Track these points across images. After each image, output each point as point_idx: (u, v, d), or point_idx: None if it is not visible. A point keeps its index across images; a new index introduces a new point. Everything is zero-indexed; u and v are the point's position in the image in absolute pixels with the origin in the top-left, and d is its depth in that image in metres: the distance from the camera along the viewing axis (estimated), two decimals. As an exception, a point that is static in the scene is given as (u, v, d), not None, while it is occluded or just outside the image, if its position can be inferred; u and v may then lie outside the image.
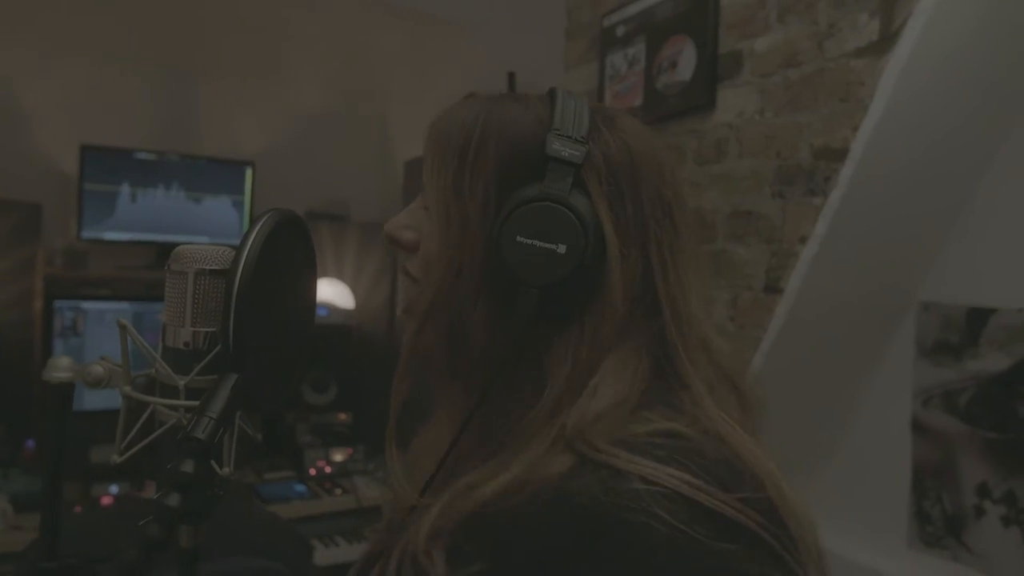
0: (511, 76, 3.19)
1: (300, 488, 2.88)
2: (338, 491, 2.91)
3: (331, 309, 3.40)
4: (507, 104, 0.64)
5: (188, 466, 0.55)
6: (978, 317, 1.64)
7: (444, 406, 0.71)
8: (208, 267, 0.65)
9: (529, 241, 0.57)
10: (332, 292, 3.43)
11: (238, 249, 0.63)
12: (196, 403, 0.59)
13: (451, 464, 0.62)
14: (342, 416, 3.22)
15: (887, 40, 1.40)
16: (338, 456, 3.06)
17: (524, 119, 0.62)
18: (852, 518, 1.85)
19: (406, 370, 0.65)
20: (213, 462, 0.61)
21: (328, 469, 3.02)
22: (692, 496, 0.48)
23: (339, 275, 3.50)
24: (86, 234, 3.02)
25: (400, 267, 0.69)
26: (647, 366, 0.59)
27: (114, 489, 2.51)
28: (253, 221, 0.65)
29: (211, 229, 3.18)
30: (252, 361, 0.62)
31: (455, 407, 0.68)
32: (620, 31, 2.04)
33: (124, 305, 2.86)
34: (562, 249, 0.56)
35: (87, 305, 2.77)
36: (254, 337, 0.62)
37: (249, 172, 3.32)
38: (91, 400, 2.57)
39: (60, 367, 0.69)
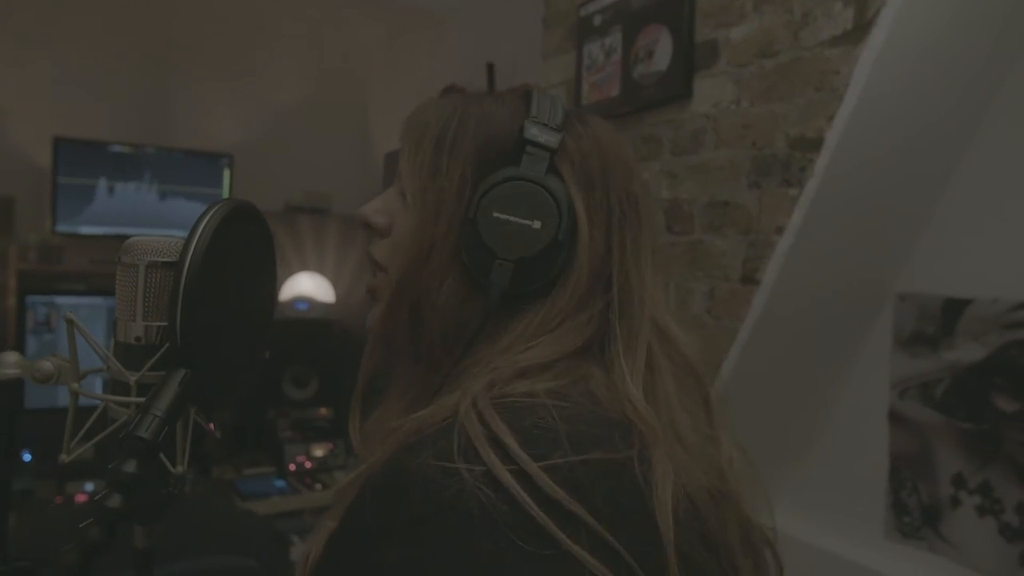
0: (490, 67, 3.17)
1: (280, 484, 2.86)
2: (318, 486, 2.89)
3: (311, 303, 3.39)
4: (484, 99, 0.67)
5: (130, 466, 0.54)
6: (953, 308, 1.64)
7: (402, 384, 0.72)
8: (160, 259, 0.64)
9: (506, 216, 0.60)
10: (312, 286, 3.41)
11: (187, 239, 0.62)
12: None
13: None
14: (323, 411, 3.20)
15: (861, 29, 1.39)
16: (318, 451, 3.04)
17: (501, 112, 0.65)
18: (829, 509, 1.85)
19: (373, 349, 0.71)
20: (165, 460, 0.60)
21: (308, 464, 3.00)
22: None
23: (320, 269, 3.48)
24: (61, 228, 2.99)
25: (366, 252, 0.71)
26: (590, 335, 0.62)
27: (89, 487, 2.48)
28: (204, 211, 0.64)
29: (188, 223, 3.08)
30: (201, 356, 0.60)
31: (413, 385, 0.70)
32: (597, 20, 2.03)
33: (99, 300, 2.82)
34: (537, 225, 0.60)
35: (61, 300, 2.73)
36: (204, 331, 0.61)
37: (227, 165, 3.30)
38: (64, 395, 2.53)
39: (7, 363, 0.68)
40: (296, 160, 3.60)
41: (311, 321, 3.31)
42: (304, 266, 3.45)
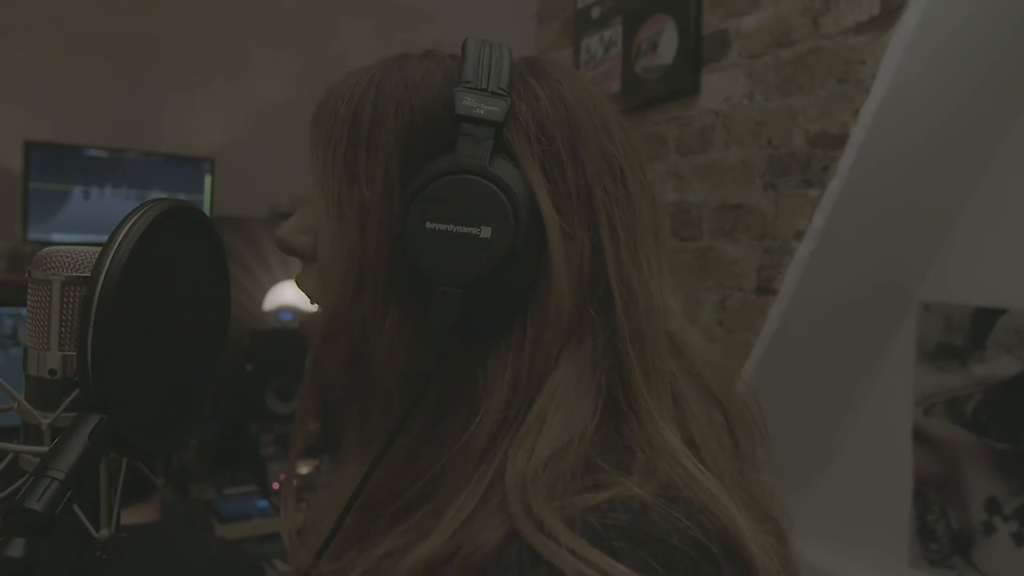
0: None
1: (262, 504, 2.72)
2: (303, 505, 2.75)
3: (296, 313, 3.28)
4: (409, 64, 0.52)
5: (15, 548, 0.41)
6: (985, 318, 1.53)
7: (353, 444, 0.57)
8: (81, 274, 0.52)
9: (443, 227, 0.45)
10: (297, 295, 3.30)
11: (102, 251, 0.49)
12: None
13: (373, 506, 0.52)
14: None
15: (890, 14, 1.28)
16: (303, 468, 2.91)
17: (430, 78, 0.50)
18: (849, 534, 1.74)
19: (310, 404, 0.54)
20: (85, 520, 0.48)
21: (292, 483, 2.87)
22: None
23: (305, 277, 3.38)
24: (32, 236, 2.87)
25: (295, 281, 0.57)
26: (601, 381, 0.47)
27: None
28: (128, 213, 0.52)
29: (167, 230, 3.05)
30: (122, 397, 0.48)
31: (366, 445, 0.55)
32: (595, 12, 1.91)
33: (71, 311, 2.69)
34: (486, 233, 0.45)
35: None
36: (125, 364, 0.48)
37: (208, 170, 3.20)
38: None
39: None
40: (282, 164, 3.46)
41: (296, 332, 3.19)
42: (289, 275, 3.34)
